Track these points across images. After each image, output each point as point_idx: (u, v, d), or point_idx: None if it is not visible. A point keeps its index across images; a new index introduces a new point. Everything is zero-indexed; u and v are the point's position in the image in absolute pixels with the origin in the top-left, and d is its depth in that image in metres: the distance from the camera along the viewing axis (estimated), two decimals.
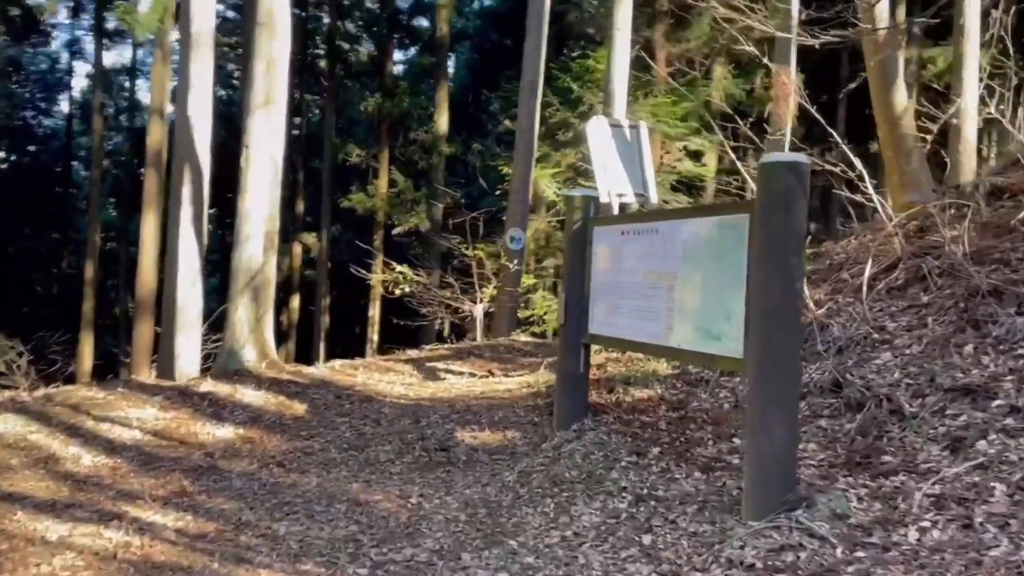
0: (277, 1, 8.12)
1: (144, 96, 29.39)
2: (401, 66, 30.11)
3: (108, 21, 23.38)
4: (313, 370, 7.74)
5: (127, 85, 32.27)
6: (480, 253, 11.29)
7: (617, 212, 6.35)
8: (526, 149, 12.09)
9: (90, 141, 27.11)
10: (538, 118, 12.37)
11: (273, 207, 8.16)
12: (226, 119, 22.92)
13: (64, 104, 34.58)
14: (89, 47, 30.27)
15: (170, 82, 17.63)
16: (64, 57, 33.96)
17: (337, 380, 7.20)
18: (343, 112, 27.22)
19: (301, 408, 6.42)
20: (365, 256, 19.01)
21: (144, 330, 15.06)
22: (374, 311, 22.48)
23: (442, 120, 21.90)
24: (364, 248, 19.31)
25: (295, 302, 24.99)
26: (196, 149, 8.67)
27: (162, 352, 9.05)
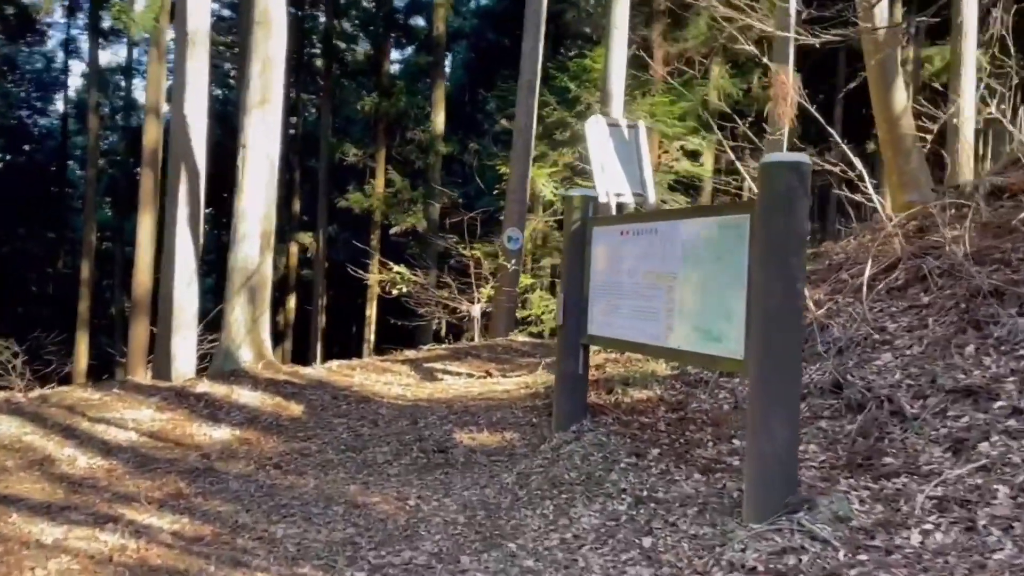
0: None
1: (140, 95, 29.45)
2: (398, 65, 30.15)
3: (104, 20, 23.28)
4: (310, 371, 7.70)
5: (123, 84, 32.25)
6: (477, 253, 11.25)
7: (615, 212, 6.33)
8: (524, 148, 12.07)
9: (86, 140, 27.00)
10: (536, 117, 12.35)
11: (269, 207, 8.12)
12: (222, 118, 22.89)
13: (59, 103, 34.53)
14: (84, 46, 30.09)
15: (166, 81, 17.54)
16: (59, 56, 33.90)
17: (334, 381, 7.17)
18: (339, 111, 27.21)
19: (298, 409, 6.39)
20: (362, 256, 18.95)
21: (140, 330, 15.00)
22: (371, 311, 22.47)
23: (439, 119, 21.87)
24: (361, 248, 19.26)
25: (291, 302, 24.96)
26: (192, 148, 8.64)
27: (158, 352, 9.01)
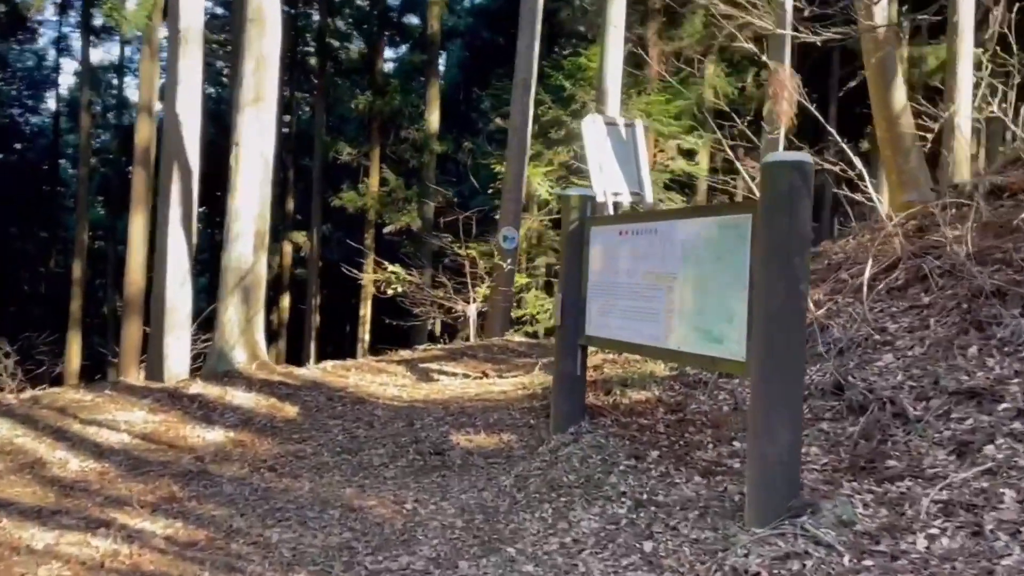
0: None
1: (132, 94, 29.25)
2: (392, 64, 30.09)
3: (95, 18, 23.20)
4: (304, 371, 7.63)
5: (115, 82, 32.11)
6: (473, 252, 11.19)
7: (612, 212, 6.28)
8: (519, 147, 12.01)
9: (77, 139, 26.90)
10: (531, 116, 12.30)
11: (263, 205, 8.06)
12: (215, 117, 22.80)
13: (51, 101, 34.40)
14: (76, 44, 30.09)
15: (158, 79, 17.48)
16: (51, 54, 33.79)
17: (329, 381, 7.10)
18: (333, 110, 27.12)
19: (293, 410, 6.32)
20: (356, 255, 18.90)
21: (132, 330, 14.90)
22: (365, 311, 22.40)
23: (433, 118, 21.81)
24: (355, 247, 19.20)
25: (285, 301, 24.87)
26: (185, 147, 8.56)
27: (151, 353, 8.94)
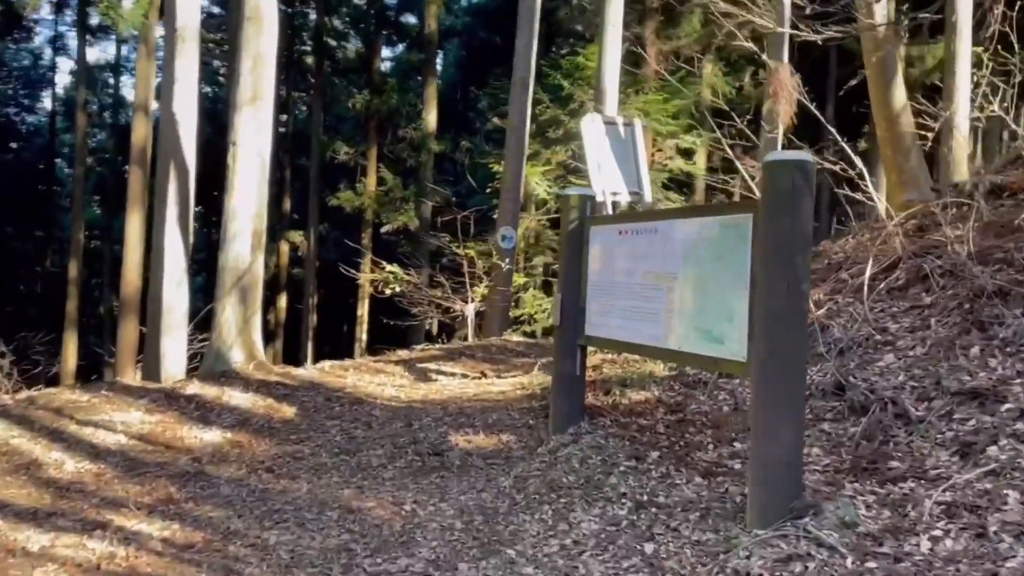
0: None
1: (128, 93, 29.28)
2: (389, 63, 30.06)
3: (92, 17, 23.10)
4: (302, 371, 7.59)
5: (111, 81, 32.05)
6: (471, 252, 11.16)
7: (611, 211, 6.26)
8: (517, 146, 11.99)
9: (74, 138, 26.79)
10: (529, 115, 12.27)
11: (260, 205, 8.02)
12: (212, 116, 22.72)
13: (47, 101, 34.29)
14: (72, 43, 29.92)
15: (155, 78, 17.37)
16: (47, 53, 33.69)
17: (327, 382, 7.07)
18: (330, 109, 27.07)
19: (290, 411, 6.29)
20: (353, 255, 18.88)
21: (129, 330, 14.84)
22: (362, 310, 22.35)
23: (431, 117, 21.77)
24: (352, 247, 19.17)
25: (282, 301, 24.84)
26: (182, 146, 8.52)
27: (147, 353, 8.89)
